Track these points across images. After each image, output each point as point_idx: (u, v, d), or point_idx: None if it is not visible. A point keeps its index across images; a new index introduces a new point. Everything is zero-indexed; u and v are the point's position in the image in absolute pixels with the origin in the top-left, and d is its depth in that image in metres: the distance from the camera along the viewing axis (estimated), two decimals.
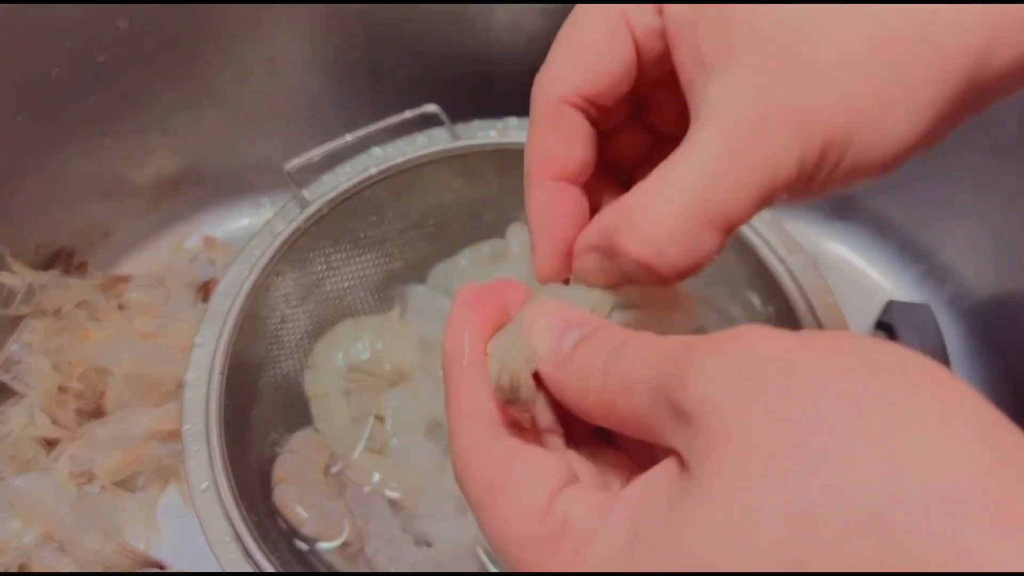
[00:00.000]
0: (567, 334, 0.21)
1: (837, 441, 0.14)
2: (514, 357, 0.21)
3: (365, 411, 0.47)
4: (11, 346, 0.50)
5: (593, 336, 0.20)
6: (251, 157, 0.59)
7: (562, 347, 0.20)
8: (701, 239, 0.19)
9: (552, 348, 0.21)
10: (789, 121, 0.19)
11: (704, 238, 0.20)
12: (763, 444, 0.14)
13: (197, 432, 0.37)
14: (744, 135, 0.19)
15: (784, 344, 0.16)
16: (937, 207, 0.55)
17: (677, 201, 0.19)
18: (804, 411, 0.14)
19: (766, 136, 0.19)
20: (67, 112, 0.51)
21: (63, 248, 0.55)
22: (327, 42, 0.54)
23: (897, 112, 0.19)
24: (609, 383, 0.18)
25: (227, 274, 0.42)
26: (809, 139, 0.19)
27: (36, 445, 0.48)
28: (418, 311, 0.50)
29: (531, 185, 0.23)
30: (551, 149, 0.23)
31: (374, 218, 0.48)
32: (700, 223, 0.19)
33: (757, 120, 0.19)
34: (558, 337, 0.21)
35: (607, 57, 0.22)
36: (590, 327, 0.21)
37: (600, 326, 0.21)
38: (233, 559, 0.35)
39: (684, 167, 0.19)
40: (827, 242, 0.59)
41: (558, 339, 0.21)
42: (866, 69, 0.19)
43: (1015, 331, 0.52)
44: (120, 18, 0.49)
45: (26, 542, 0.45)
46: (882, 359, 0.15)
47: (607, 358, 0.19)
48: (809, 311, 0.40)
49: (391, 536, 0.43)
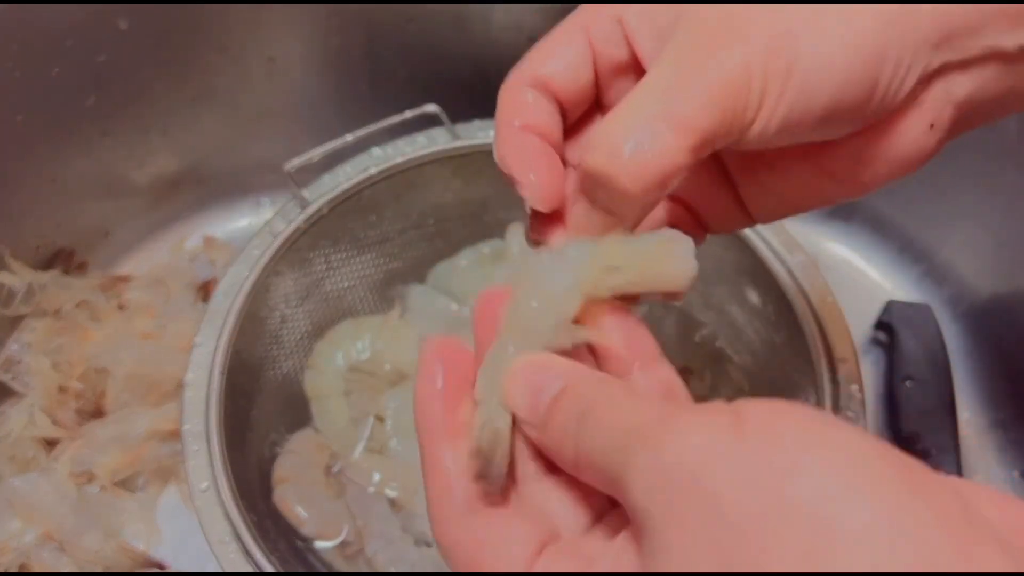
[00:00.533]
0: (542, 393, 0.21)
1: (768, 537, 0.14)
2: (496, 414, 0.22)
3: (365, 411, 0.47)
4: (11, 346, 0.50)
5: (563, 398, 0.21)
6: (251, 157, 0.59)
7: (539, 408, 0.21)
8: (661, 139, 0.20)
9: (530, 411, 0.21)
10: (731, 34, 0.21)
11: (664, 138, 0.20)
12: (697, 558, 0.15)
13: (197, 432, 0.37)
14: (692, 50, 0.21)
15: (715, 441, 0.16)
16: (937, 207, 0.55)
17: (635, 107, 0.21)
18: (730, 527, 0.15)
19: (713, 46, 0.21)
20: (67, 112, 0.51)
21: (63, 248, 0.55)
22: (327, 42, 0.54)
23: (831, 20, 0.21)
24: (579, 454, 0.19)
25: (227, 274, 0.42)
26: (751, 45, 0.21)
27: (36, 445, 0.48)
28: (418, 311, 0.50)
29: (501, 126, 0.24)
30: (520, 101, 0.24)
31: (374, 218, 0.48)
32: (657, 122, 0.20)
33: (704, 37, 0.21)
34: (534, 398, 0.21)
35: (563, 51, 0.24)
36: (562, 383, 0.21)
37: (570, 384, 0.21)
38: (233, 559, 0.35)
39: (641, 85, 0.21)
40: (827, 242, 0.59)
41: (534, 400, 0.21)
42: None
43: (1014, 331, 0.52)
44: (120, 18, 0.49)
45: (26, 542, 0.45)
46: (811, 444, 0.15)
47: (576, 429, 0.20)
48: (809, 311, 0.40)
49: (391, 536, 0.43)
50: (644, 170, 0.20)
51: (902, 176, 0.24)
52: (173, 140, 0.56)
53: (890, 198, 0.57)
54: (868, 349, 0.54)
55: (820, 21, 0.21)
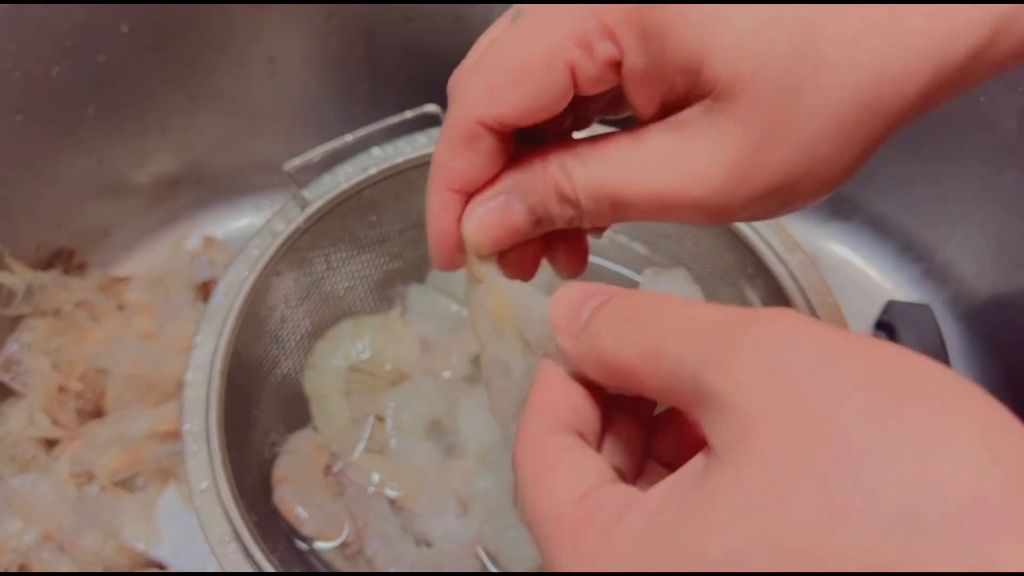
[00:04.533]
0: (584, 306, 0.21)
1: (876, 444, 0.14)
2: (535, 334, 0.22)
3: (365, 411, 0.47)
4: (11, 346, 0.50)
5: (609, 302, 0.20)
6: (251, 157, 0.59)
7: (579, 318, 0.21)
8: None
9: (569, 321, 0.21)
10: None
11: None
12: (799, 439, 0.14)
13: (197, 432, 0.37)
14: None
15: (827, 338, 0.15)
16: (937, 207, 0.55)
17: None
18: (844, 411, 0.14)
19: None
20: (67, 112, 0.51)
21: (63, 248, 0.55)
22: (327, 42, 0.54)
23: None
24: (628, 347, 0.18)
25: (227, 274, 0.42)
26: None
27: (36, 445, 0.48)
28: (418, 311, 0.50)
29: (433, 191, 0.24)
30: (458, 166, 0.23)
31: (374, 218, 0.48)
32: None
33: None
34: (575, 310, 0.21)
35: (540, 94, 0.21)
36: (607, 295, 0.21)
37: (617, 293, 0.21)
38: (233, 559, 0.34)
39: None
40: (827, 242, 0.59)
41: (575, 312, 0.21)
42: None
43: (1015, 331, 0.52)
44: (120, 18, 0.49)
45: (26, 542, 0.45)
46: (926, 374, 0.15)
47: (622, 323, 0.19)
48: (809, 311, 0.40)
49: (391, 536, 0.43)
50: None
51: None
52: (173, 140, 0.56)
53: (890, 198, 0.57)
54: None
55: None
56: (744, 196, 0.21)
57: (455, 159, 0.23)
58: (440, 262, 0.25)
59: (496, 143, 0.23)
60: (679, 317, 0.18)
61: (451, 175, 0.23)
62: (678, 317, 0.18)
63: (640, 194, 0.22)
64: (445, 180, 0.23)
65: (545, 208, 0.23)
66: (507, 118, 0.22)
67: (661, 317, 0.18)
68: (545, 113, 0.22)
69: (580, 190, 0.22)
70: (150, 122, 0.55)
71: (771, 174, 0.21)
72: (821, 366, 0.15)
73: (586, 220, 0.23)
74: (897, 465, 0.13)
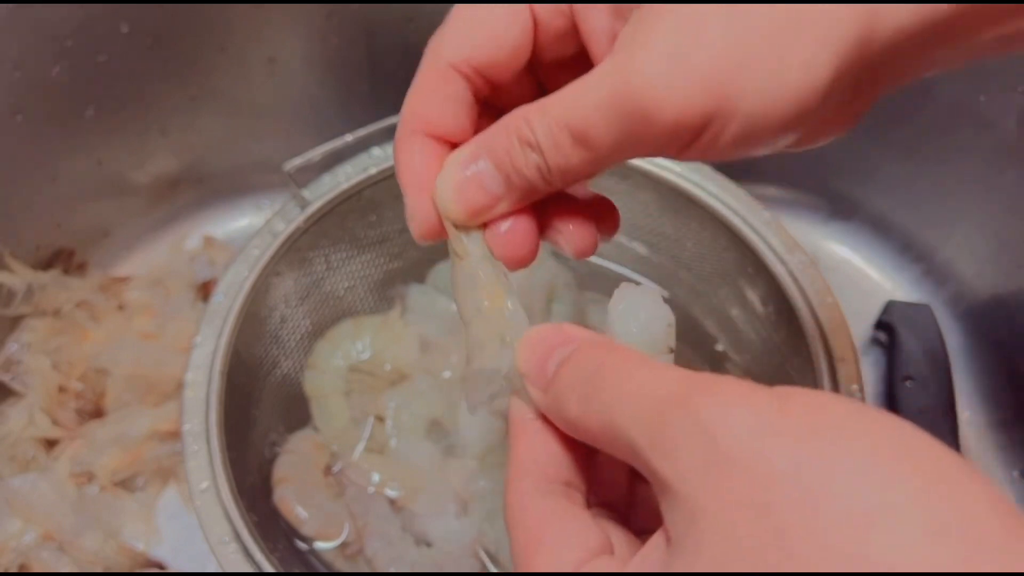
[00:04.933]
0: (552, 356, 0.21)
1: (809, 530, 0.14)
2: (508, 364, 0.22)
3: (365, 411, 0.47)
4: (11, 346, 0.50)
5: (573, 357, 0.21)
6: (251, 157, 0.59)
7: (547, 370, 0.21)
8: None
9: (537, 371, 0.21)
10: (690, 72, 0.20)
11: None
12: (737, 531, 0.15)
13: (197, 432, 0.37)
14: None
15: (762, 416, 0.16)
16: (937, 207, 0.55)
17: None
18: (783, 500, 0.15)
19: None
20: (67, 112, 0.51)
21: (63, 248, 0.55)
22: (327, 42, 0.54)
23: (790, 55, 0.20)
24: (587, 415, 0.19)
25: (227, 274, 0.42)
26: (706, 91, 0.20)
27: (36, 445, 0.48)
28: (418, 311, 0.50)
29: (402, 137, 0.24)
30: (428, 109, 0.24)
31: (374, 218, 0.48)
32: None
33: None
34: (543, 359, 0.21)
35: (504, 31, 0.23)
36: (574, 345, 0.21)
37: (582, 345, 0.21)
38: (233, 559, 0.34)
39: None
40: (827, 242, 0.59)
41: (543, 361, 0.21)
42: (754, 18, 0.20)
43: (1014, 331, 0.52)
44: (121, 18, 0.49)
45: (26, 542, 0.45)
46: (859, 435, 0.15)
47: (582, 387, 0.19)
48: (809, 311, 0.40)
49: (391, 536, 0.43)
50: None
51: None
52: (173, 140, 0.56)
53: (890, 198, 0.57)
54: (868, 349, 0.54)
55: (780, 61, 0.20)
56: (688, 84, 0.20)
57: (425, 103, 0.24)
58: (419, 229, 0.24)
59: (466, 92, 0.24)
60: (632, 389, 0.18)
61: (422, 117, 0.24)
62: (631, 389, 0.18)
63: (591, 112, 0.21)
64: (415, 123, 0.24)
65: (512, 161, 0.22)
66: (476, 59, 0.23)
67: (617, 386, 0.19)
68: (512, 58, 0.23)
69: (539, 132, 0.22)
70: (150, 122, 0.55)
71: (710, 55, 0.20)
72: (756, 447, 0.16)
73: (553, 168, 0.22)
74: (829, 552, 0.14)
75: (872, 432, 0.15)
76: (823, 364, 0.39)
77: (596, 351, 0.20)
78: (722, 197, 0.43)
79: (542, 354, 0.21)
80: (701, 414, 0.16)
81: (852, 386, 0.38)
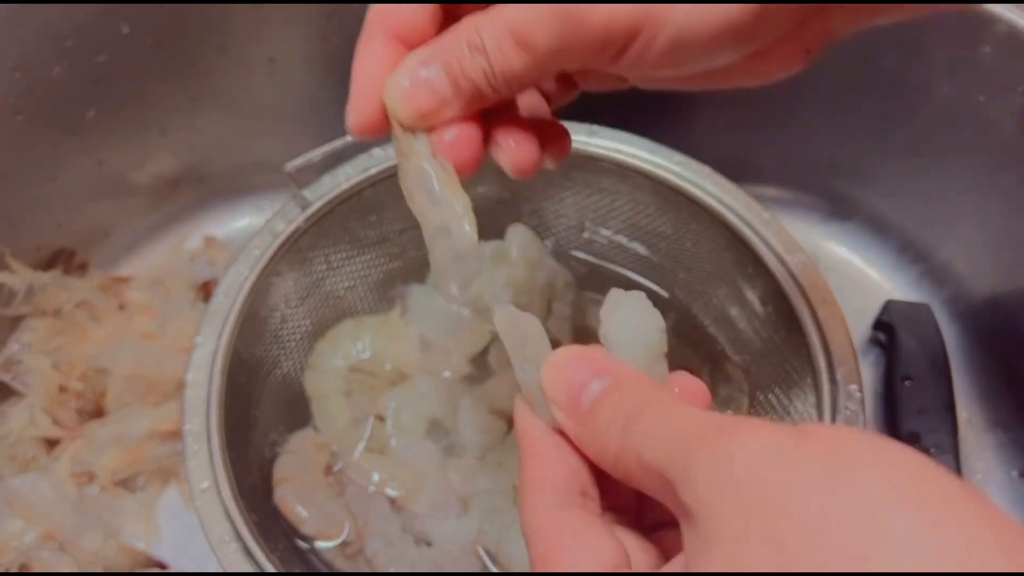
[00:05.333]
0: (587, 389, 0.21)
1: (816, 562, 0.15)
2: (527, 380, 0.22)
3: (365, 411, 0.47)
4: (11, 346, 0.50)
5: (613, 393, 0.21)
6: (251, 157, 0.59)
7: (582, 402, 0.21)
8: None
9: (570, 405, 0.22)
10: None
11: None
12: (752, 554, 0.16)
13: (197, 432, 0.37)
14: None
15: (779, 448, 0.17)
16: (937, 207, 0.55)
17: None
18: (790, 525, 0.15)
19: None
20: (67, 112, 0.51)
21: (63, 248, 0.55)
22: (328, 42, 0.54)
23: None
24: (626, 453, 0.20)
25: (227, 274, 0.42)
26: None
27: (36, 445, 0.48)
28: (418, 311, 0.50)
29: (365, 35, 0.25)
30: (394, 10, 0.25)
31: (374, 218, 0.48)
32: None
33: None
34: (577, 390, 0.21)
35: None
36: (609, 378, 0.21)
37: (622, 381, 0.21)
38: (233, 559, 0.35)
39: None
40: (827, 242, 0.60)
41: (576, 392, 0.21)
42: None
43: (1013, 330, 0.52)
44: (121, 19, 0.49)
45: (26, 542, 0.45)
46: (870, 468, 0.16)
47: (624, 425, 0.20)
48: (808, 311, 0.40)
49: (391, 536, 0.43)
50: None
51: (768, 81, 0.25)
52: (173, 140, 0.57)
53: (889, 198, 0.57)
54: (867, 349, 0.54)
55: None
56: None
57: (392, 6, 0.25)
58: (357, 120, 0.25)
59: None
60: (671, 429, 0.19)
61: (386, 17, 0.25)
62: (670, 429, 0.19)
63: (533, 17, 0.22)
64: (379, 21, 0.25)
65: (460, 65, 0.23)
66: None
67: (658, 425, 0.19)
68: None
69: (486, 36, 0.23)
70: (150, 122, 0.55)
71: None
72: (773, 480, 0.16)
73: (497, 73, 0.23)
74: (833, 545, 0.15)
75: (883, 465, 0.16)
76: (822, 364, 0.39)
77: (638, 389, 0.21)
78: (721, 197, 0.43)
79: (575, 383, 0.22)
80: (723, 447, 0.17)
81: (851, 386, 0.38)
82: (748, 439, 0.17)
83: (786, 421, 0.43)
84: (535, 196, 0.50)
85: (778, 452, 0.16)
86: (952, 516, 0.15)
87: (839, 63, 0.50)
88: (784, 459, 0.16)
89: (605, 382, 0.21)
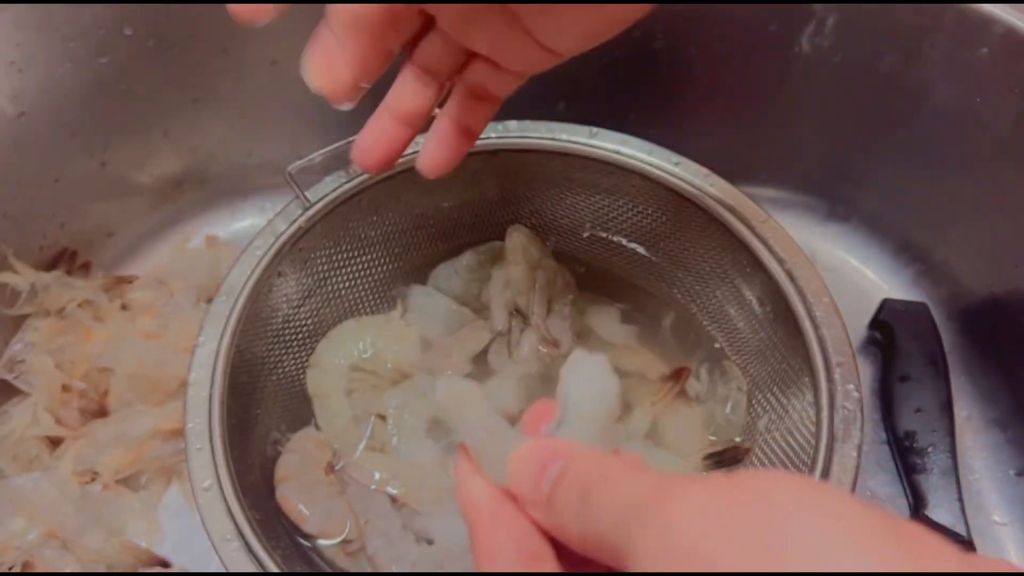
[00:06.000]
0: (546, 473, 0.22)
1: None
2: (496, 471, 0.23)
3: (367, 410, 0.47)
4: (15, 346, 0.50)
5: (565, 477, 0.22)
6: (253, 158, 0.60)
7: (542, 488, 0.22)
8: None
9: (533, 491, 0.22)
10: None
11: None
12: None
13: (200, 431, 0.38)
14: None
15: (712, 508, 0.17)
16: (934, 207, 0.55)
17: None
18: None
19: None
20: (70, 114, 0.51)
21: (66, 248, 0.55)
22: None
23: None
24: (585, 530, 0.20)
25: (229, 274, 0.42)
26: None
27: (39, 444, 0.48)
28: (419, 311, 0.50)
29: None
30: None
31: (375, 219, 0.48)
32: None
33: None
34: (537, 477, 0.22)
35: None
36: (563, 463, 0.22)
37: (572, 461, 0.22)
38: (235, 557, 0.35)
39: None
40: (824, 242, 0.60)
41: (538, 478, 0.22)
42: None
43: (1011, 330, 0.52)
44: (124, 21, 0.49)
45: (29, 541, 0.46)
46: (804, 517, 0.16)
47: (579, 504, 0.21)
48: (806, 310, 0.40)
49: (392, 534, 0.43)
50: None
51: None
52: (176, 141, 0.57)
53: (887, 199, 0.57)
54: (865, 348, 0.55)
55: None
56: None
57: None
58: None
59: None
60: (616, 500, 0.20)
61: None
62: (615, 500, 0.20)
63: None
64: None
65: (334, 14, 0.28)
66: None
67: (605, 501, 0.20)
68: None
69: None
70: (153, 123, 0.55)
71: None
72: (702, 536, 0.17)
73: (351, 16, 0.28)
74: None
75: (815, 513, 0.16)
76: (820, 363, 0.39)
77: (584, 467, 0.22)
78: (720, 198, 0.44)
79: (534, 472, 0.22)
80: (661, 517, 0.18)
81: (849, 385, 0.38)
82: (682, 503, 0.18)
83: (784, 420, 0.43)
84: (535, 196, 0.50)
85: (712, 512, 0.17)
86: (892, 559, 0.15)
87: (837, 65, 0.50)
88: (718, 519, 0.17)
89: (560, 466, 0.22)
